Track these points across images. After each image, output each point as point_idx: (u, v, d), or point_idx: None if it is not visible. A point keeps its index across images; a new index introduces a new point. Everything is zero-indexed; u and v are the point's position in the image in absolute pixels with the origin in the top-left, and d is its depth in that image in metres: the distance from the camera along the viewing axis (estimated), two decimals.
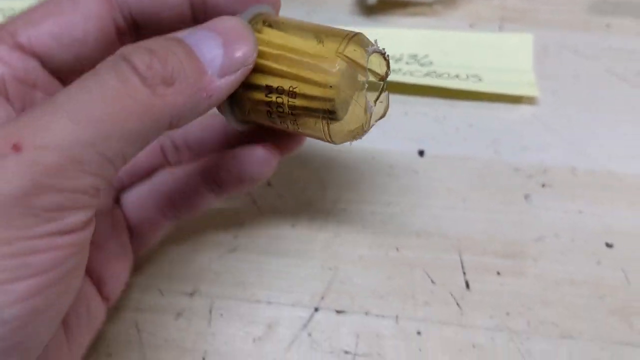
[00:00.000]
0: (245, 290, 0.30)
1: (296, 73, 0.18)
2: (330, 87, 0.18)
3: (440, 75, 0.35)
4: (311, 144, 0.28)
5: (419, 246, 0.31)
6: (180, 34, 0.17)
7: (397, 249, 0.31)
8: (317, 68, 0.18)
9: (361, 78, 0.19)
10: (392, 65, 0.35)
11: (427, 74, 0.35)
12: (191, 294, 0.30)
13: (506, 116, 0.36)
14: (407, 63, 0.36)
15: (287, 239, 0.31)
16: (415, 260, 0.30)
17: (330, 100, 0.18)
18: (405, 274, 0.30)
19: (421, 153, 0.34)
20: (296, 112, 0.19)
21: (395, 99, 0.36)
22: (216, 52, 0.16)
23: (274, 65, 0.19)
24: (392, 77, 0.26)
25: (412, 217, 0.32)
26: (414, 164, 0.34)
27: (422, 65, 0.36)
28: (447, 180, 0.33)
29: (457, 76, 0.35)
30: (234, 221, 0.32)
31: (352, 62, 0.18)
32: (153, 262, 0.30)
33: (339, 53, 0.18)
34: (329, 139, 0.20)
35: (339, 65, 0.18)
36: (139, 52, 0.15)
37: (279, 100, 0.19)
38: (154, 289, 0.30)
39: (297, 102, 0.19)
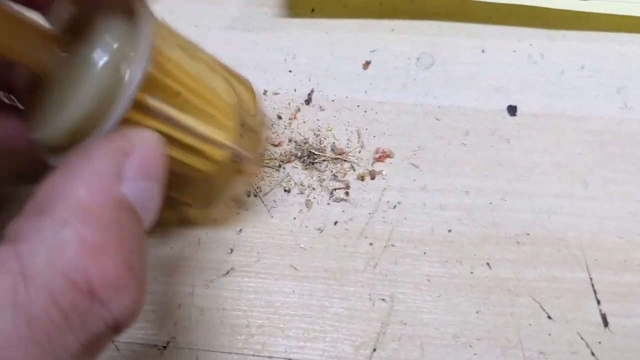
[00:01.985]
0: (248, 337, 0.25)
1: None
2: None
3: None
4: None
5: (522, 259, 0.26)
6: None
7: (488, 265, 0.26)
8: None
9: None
10: None
11: None
12: (163, 347, 0.25)
13: (638, 51, 0.31)
14: None
15: (311, 250, 0.27)
16: (518, 282, 0.26)
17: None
18: (503, 306, 0.25)
19: (512, 110, 0.30)
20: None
21: (466, 29, 0.32)
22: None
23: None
24: None
25: (505, 213, 0.27)
26: (502, 127, 0.29)
27: None
28: (555, 151, 0.28)
29: None
30: (231, 225, 0.28)
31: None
32: None
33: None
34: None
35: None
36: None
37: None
38: None
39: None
